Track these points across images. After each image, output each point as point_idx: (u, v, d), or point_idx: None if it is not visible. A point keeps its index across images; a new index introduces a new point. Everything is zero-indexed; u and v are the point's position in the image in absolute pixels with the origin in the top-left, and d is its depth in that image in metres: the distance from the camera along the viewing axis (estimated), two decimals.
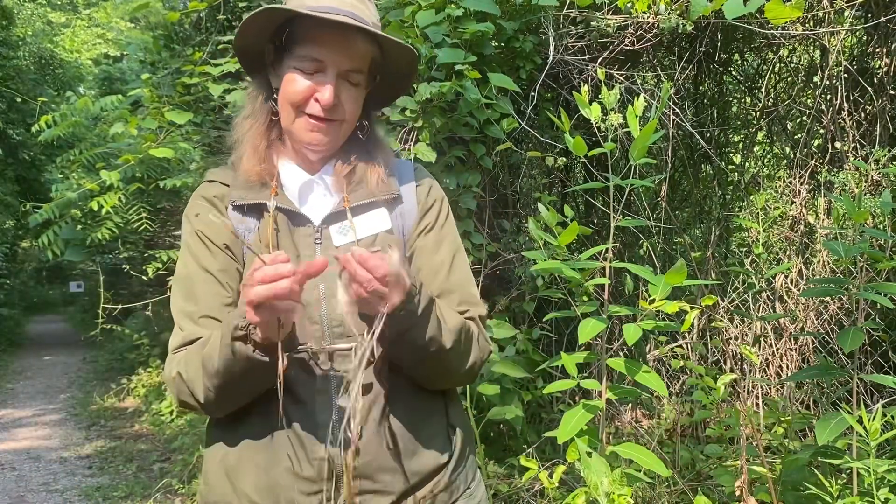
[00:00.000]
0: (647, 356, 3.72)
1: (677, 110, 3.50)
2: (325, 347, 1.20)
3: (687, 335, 3.65)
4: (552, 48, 3.23)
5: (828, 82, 3.52)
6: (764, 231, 3.10)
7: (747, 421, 2.58)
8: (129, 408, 7.39)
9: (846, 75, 3.43)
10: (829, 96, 3.57)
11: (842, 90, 3.41)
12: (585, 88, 1.92)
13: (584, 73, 3.39)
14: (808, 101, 4.03)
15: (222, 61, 3.48)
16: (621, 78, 3.39)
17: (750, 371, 3.42)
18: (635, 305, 1.86)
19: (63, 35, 17.86)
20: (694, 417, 3.29)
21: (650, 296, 1.76)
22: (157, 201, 4.74)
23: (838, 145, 3.50)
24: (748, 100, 4.57)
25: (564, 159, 3.68)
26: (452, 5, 2.96)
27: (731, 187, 4.50)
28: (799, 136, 3.93)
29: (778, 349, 3.56)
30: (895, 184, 3.09)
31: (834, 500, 1.95)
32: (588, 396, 3.25)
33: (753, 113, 4.49)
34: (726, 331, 3.66)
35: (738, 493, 2.17)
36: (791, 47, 4.11)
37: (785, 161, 4.25)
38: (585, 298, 1.99)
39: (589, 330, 1.75)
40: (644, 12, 3.04)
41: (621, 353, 3.50)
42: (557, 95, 3.77)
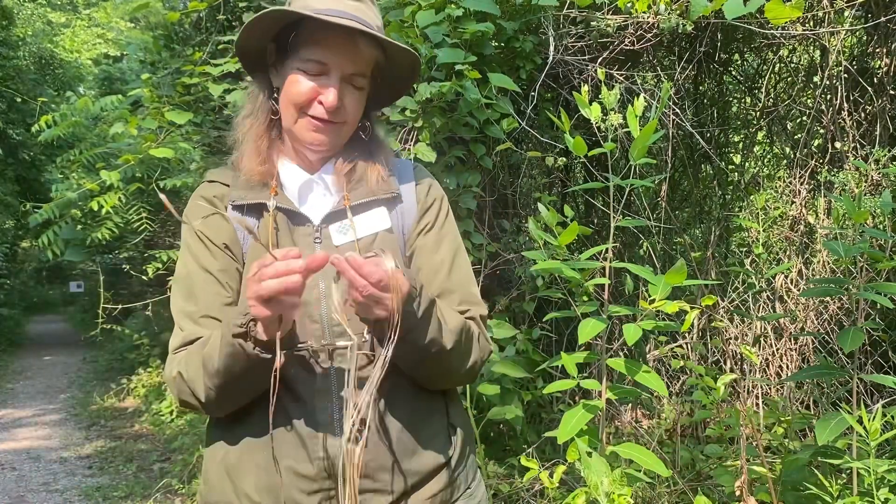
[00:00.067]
0: (647, 356, 3.72)
1: (677, 110, 3.50)
2: (326, 346, 1.20)
3: (687, 335, 3.65)
4: (552, 48, 3.23)
5: (828, 82, 3.52)
6: (764, 231, 3.10)
7: (747, 421, 2.57)
8: (129, 408, 7.39)
9: (846, 75, 3.43)
10: (829, 96, 3.57)
11: (842, 90, 3.41)
12: (585, 88, 1.92)
13: (584, 73, 3.39)
14: (808, 101, 4.03)
15: (222, 61, 3.47)
16: (621, 78, 3.39)
17: (750, 371, 3.42)
18: (635, 305, 1.86)
19: (63, 35, 17.85)
20: (694, 417, 3.29)
21: (650, 296, 1.76)
22: (157, 201, 4.74)
23: (838, 145, 3.50)
24: (748, 100, 4.57)
25: (564, 159, 3.68)
26: (452, 5, 2.96)
27: (731, 187, 4.50)
28: (799, 136, 3.92)
29: (778, 349, 3.56)
30: (895, 184, 3.09)
31: (834, 500, 1.95)
32: (588, 396, 3.25)
33: (753, 113, 4.49)
34: (726, 331, 3.66)
35: (738, 493, 2.17)
36: (791, 47, 4.10)
37: (785, 161, 4.25)
38: (585, 298, 1.98)
39: (589, 330, 1.75)
40: (644, 12, 3.04)
41: (621, 353, 3.50)
42: (557, 95, 3.77)
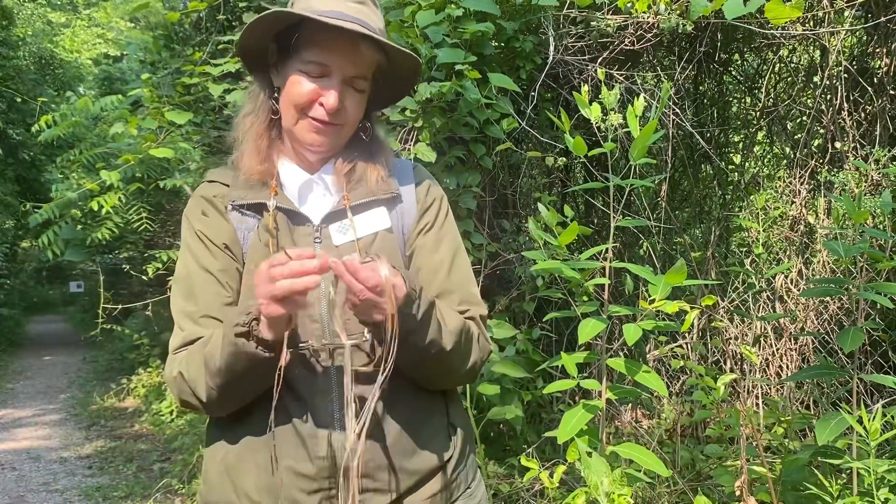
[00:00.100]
0: (647, 356, 3.72)
1: (677, 110, 3.50)
2: (326, 345, 1.20)
3: (687, 335, 3.65)
4: (552, 48, 3.23)
5: (828, 82, 3.52)
6: (764, 231, 3.10)
7: (747, 421, 2.57)
8: (129, 408, 7.39)
9: (846, 75, 3.43)
10: (829, 96, 3.57)
11: (842, 90, 3.41)
12: (585, 88, 1.92)
13: (584, 73, 3.39)
14: (808, 101, 4.03)
15: (222, 61, 3.47)
16: (621, 78, 3.39)
17: (750, 371, 3.42)
18: (635, 305, 1.86)
19: (63, 35, 17.85)
20: (694, 417, 3.29)
21: (650, 296, 1.76)
22: (156, 201, 4.74)
23: (838, 145, 3.50)
24: (748, 100, 4.57)
25: (564, 159, 3.68)
26: (452, 5, 2.96)
27: (731, 187, 4.50)
28: (799, 136, 3.92)
29: (778, 349, 3.56)
30: (895, 184, 3.09)
31: (834, 500, 1.95)
32: (588, 396, 3.25)
33: (753, 113, 4.49)
34: (726, 331, 3.66)
35: (738, 493, 2.17)
36: (791, 47, 4.10)
37: (785, 161, 4.25)
38: (585, 298, 1.98)
39: (589, 330, 1.75)
40: (644, 12, 3.04)
41: (621, 353, 3.49)
42: (557, 95, 3.77)
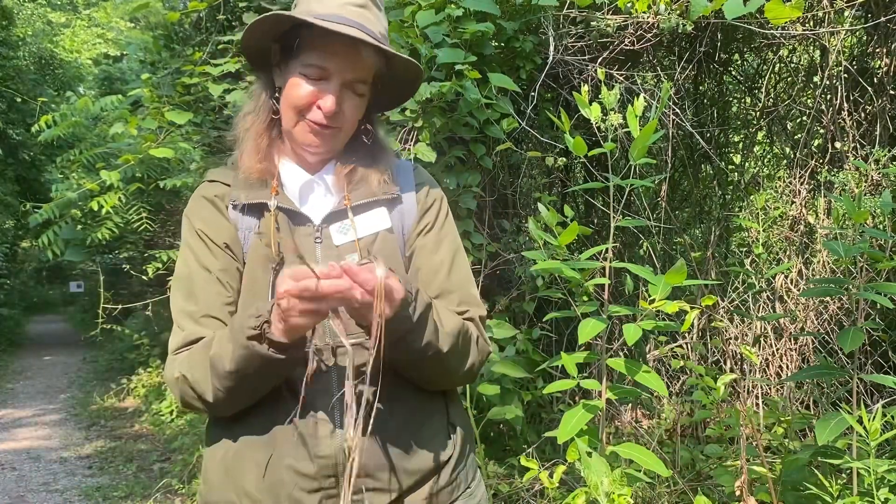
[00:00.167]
0: (647, 356, 3.72)
1: (677, 110, 3.50)
2: (326, 344, 1.20)
3: (687, 335, 3.65)
4: (552, 48, 3.23)
5: (828, 82, 3.52)
6: (764, 231, 3.10)
7: (747, 421, 2.57)
8: (129, 408, 7.39)
9: (846, 75, 3.43)
10: (829, 96, 3.57)
11: (842, 90, 3.41)
12: (585, 88, 1.92)
13: (584, 73, 3.39)
14: (808, 101, 4.03)
15: (222, 61, 3.47)
16: (621, 78, 3.39)
17: (750, 371, 3.42)
18: (635, 305, 1.86)
19: (63, 35, 17.84)
20: (694, 417, 3.29)
21: (650, 296, 1.76)
22: (156, 201, 4.74)
23: (838, 145, 3.50)
24: (748, 100, 4.57)
25: (564, 159, 3.68)
26: (452, 5, 2.96)
27: (731, 187, 4.50)
28: (799, 136, 3.92)
29: (778, 349, 3.56)
30: (895, 184, 3.09)
31: (834, 500, 1.95)
32: (588, 396, 3.25)
33: (753, 113, 4.49)
34: (726, 331, 3.66)
35: (738, 493, 2.17)
36: (791, 47, 4.10)
37: (785, 161, 4.25)
38: (585, 298, 1.99)
39: (589, 330, 1.75)
40: (644, 12, 3.04)
41: (621, 353, 3.49)
42: (557, 95, 3.77)
